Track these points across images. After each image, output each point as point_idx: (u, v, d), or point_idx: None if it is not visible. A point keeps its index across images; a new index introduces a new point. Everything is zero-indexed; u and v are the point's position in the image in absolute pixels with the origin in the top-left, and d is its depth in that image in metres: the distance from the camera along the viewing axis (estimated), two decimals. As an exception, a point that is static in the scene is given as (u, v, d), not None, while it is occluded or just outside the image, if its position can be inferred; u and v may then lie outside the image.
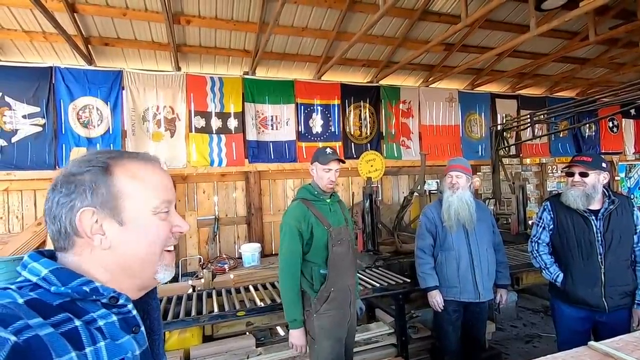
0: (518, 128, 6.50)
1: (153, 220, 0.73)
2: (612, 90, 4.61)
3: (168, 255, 0.77)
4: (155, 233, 0.74)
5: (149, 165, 0.77)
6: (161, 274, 0.76)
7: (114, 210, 0.69)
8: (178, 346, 2.76)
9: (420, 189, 5.03)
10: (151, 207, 0.73)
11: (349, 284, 2.19)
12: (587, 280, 2.14)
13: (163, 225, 0.75)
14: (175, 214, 0.78)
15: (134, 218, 0.71)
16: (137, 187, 0.72)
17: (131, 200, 0.71)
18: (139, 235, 0.72)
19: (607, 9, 5.09)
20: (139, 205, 0.72)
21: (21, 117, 4.62)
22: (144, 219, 0.72)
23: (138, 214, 0.72)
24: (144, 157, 0.77)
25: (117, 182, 0.70)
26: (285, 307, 2.10)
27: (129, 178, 0.72)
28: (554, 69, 7.11)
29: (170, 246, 0.78)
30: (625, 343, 1.56)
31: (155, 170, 0.77)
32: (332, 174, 2.16)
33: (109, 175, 0.70)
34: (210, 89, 5.46)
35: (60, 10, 4.02)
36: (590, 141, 8.24)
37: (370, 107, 6.45)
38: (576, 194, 2.14)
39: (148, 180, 0.74)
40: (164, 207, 0.75)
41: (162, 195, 0.75)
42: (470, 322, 2.67)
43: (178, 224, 0.78)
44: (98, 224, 0.68)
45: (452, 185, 2.58)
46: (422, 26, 5.36)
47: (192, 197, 5.56)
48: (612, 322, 2.10)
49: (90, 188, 0.68)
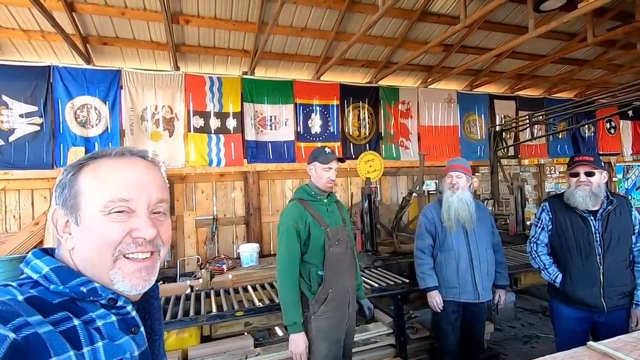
0: (517, 129, 6.52)
1: (101, 220, 0.66)
2: (610, 92, 4.63)
3: (127, 263, 0.67)
4: (100, 235, 0.66)
5: (119, 160, 0.71)
6: (120, 284, 0.66)
7: (71, 209, 0.68)
8: (176, 346, 2.74)
9: (419, 190, 5.03)
10: (100, 207, 0.66)
11: (347, 285, 2.17)
12: (585, 280, 2.14)
13: (113, 227, 0.66)
14: (140, 217, 0.68)
15: (86, 218, 0.66)
16: (92, 184, 0.67)
17: (84, 199, 0.67)
18: (86, 237, 0.66)
19: (605, 11, 5.11)
20: (89, 204, 0.67)
21: (18, 116, 4.60)
22: (92, 219, 0.66)
23: (87, 212, 0.66)
24: (118, 152, 0.72)
25: (78, 181, 0.69)
26: (284, 309, 2.05)
27: (89, 176, 0.68)
28: (552, 70, 7.13)
29: (132, 253, 0.67)
30: (623, 343, 1.56)
31: (119, 166, 0.70)
32: (332, 173, 2.15)
33: (76, 174, 0.69)
34: (209, 88, 5.46)
35: (58, 9, 4.00)
36: (589, 142, 8.26)
37: (369, 108, 6.45)
38: (584, 194, 2.11)
39: (104, 177, 0.68)
40: (118, 207, 0.66)
41: (114, 193, 0.67)
42: (469, 322, 2.67)
43: (137, 227, 0.67)
44: (68, 224, 0.69)
45: (452, 186, 2.58)
46: (421, 27, 5.37)
47: (191, 197, 5.55)
48: (611, 323, 2.11)
49: (61, 188, 0.69)
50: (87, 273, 0.67)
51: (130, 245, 0.67)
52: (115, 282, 0.67)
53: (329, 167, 2.13)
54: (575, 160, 2.20)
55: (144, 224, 0.68)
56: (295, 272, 2.07)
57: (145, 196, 0.70)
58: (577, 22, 5.24)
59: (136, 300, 0.73)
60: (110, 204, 0.66)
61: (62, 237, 0.69)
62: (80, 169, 0.70)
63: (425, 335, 3.24)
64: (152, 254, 0.71)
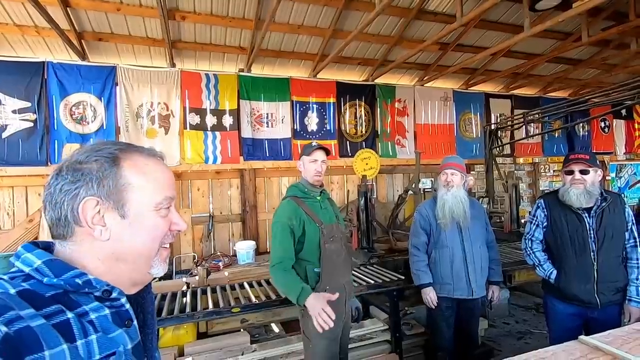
0: (512, 127, 6.56)
1: (154, 216, 0.73)
2: (603, 91, 4.67)
3: (164, 251, 0.78)
4: (155, 229, 0.74)
5: (154, 160, 0.77)
6: (155, 269, 0.76)
7: (117, 203, 0.69)
8: (172, 343, 2.75)
9: (415, 188, 5.06)
10: (154, 203, 0.73)
11: (344, 282, 2.16)
12: (580, 276, 2.17)
13: (163, 222, 0.75)
14: (174, 212, 0.79)
15: (136, 212, 0.71)
16: (142, 181, 0.72)
17: (135, 194, 0.71)
18: (140, 230, 0.72)
19: (599, 11, 5.15)
20: (143, 200, 0.72)
21: (11, 112, 4.55)
22: (146, 214, 0.72)
23: (141, 208, 0.72)
24: (150, 152, 0.78)
25: (124, 175, 0.70)
26: (286, 290, 1.99)
27: (136, 171, 0.72)
28: (547, 69, 7.18)
29: (166, 243, 0.78)
30: (614, 337, 1.59)
31: (160, 166, 0.77)
32: (319, 164, 2.14)
33: (117, 167, 0.70)
34: (205, 85, 5.43)
35: (53, 5, 3.96)
36: (583, 141, 8.34)
37: (366, 106, 6.46)
38: (578, 192, 2.14)
39: (153, 175, 0.74)
40: (166, 204, 0.75)
41: (165, 191, 0.75)
42: (464, 318, 2.70)
43: (176, 222, 0.78)
44: (100, 214, 0.68)
45: (446, 183, 2.60)
46: (417, 25, 5.38)
47: (187, 194, 5.53)
48: (604, 318, 2.14)
49: (98, 178, 0.68)
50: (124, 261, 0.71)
51: (168, 237, 0.78)
52: (154, 266, 0.76)
53: (314, 158, 2.14)
54: (571, 158, 2.22)
55: (179, 218, 0.79)
56: (288, 266, 2.04)
57: (175, 195, 0.80)
58: (571, 21, 5.28)
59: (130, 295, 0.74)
60: (163, 202, 0.75)
61: (92, 228, 0.68)
62: (115, 161, 0.70)
63: (420, 332, 3.27)
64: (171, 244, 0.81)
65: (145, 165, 0.74)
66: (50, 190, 0.68)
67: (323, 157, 2.16)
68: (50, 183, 0.69)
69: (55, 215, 0.68)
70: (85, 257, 0.68)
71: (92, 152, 0.70)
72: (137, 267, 0.73)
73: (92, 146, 0.72)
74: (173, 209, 0.78)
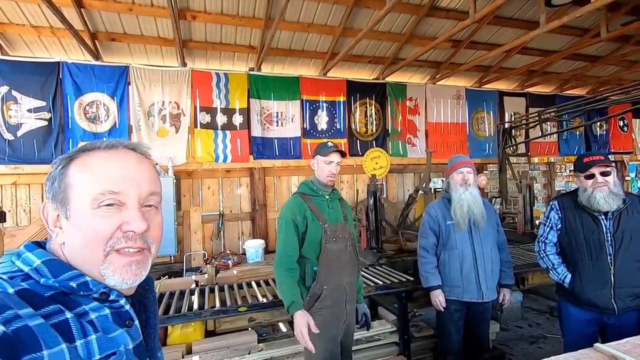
0: (526, 126, 6.41)
1: (90, 215, 0.65)
2: (623, 88, 4.53)
3: (118, 258, 0.66)
4: (90, 229, 0.65)
5: (110, 153, 0.70)
6: (110, 279, 0.65)
7: (61, 203, 0.67)
8: (180, 340, 2.77)
9: (426, 187, 4.99)
10: (89, 200, 0.65)
11: (344, 283, 2.12)
12: (596, 281, 2.09)
13: (103, 221, 0.65)
14: (130, 210, 0.67)
15: (74, 212, 0.66)
16: (82, 178, 0.66)
17: (73, 192, 0.66)
18: (76, 231, 0.66)
19: (619, 5, 4.97)
20: (78, 198, 0.66)
21: (26, 111, 4.66)
22: (81, 212, 0.65)
23: (77, 206, 0.66)
24: (110, 145, 0.71)
25: (68, 173, 0.68)
26: (282, 293, 2.02)
27: (78, 169, 0.67)
28: (564, 66, 6.98)
29: (124, 248, 0.66)
30: (632, 346, 1.52)
31: (109, 158, 0.69)
32: (333, 166, 2.13)
33: (66, 168, 0.68)
34: (215, 84, 5.47)
35: (67, 6, 4.04)
36: (601, 140, 8.09)
37: (376, 104, 6.40)
38: (604, 195, 2.04)
39: (93, 169, 0.67)
40: (107, 200, 0.65)
41: (107, 186, 0.66)
42: (473, 322, 2.63)
43: (127, 221, 0.66)
44: (59, 218, 0.68)
45: (464, 182, 2.53)
46: (429, 22, 5.30)
47: (197, 193, 5.58)
48: (621, 325, 2.05)
49: (51, 181, 0.68)
50: (78, 267, 0.66)
51: (120, 240, 0.66)
52: (106, 276, 0.66)
53: (329, 160, 2.12)
54: (588, 161, 2.11)
55: (133, 216, 0.67)
56: (292, 263, 2.05)
57: (135, 189, 0.68)
58: (590, 16, 5.12)
59: (130, 294, 0.73)
60: (99, 197, 0.65)
61: (53, 231, 0.68)
62: (70, 161, 0.69)
63: (429, 334, 3.21)
64: (142, 250, 0.69)
65: (90, 159, 0.68)
66: None
67: (338, 160, 2.15)
68: None
69: None
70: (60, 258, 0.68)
71: (62, 156, 0.70)
72: (88, 273, 0.65)
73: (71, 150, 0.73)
74: (130, 207, 0.67)
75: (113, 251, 0.66)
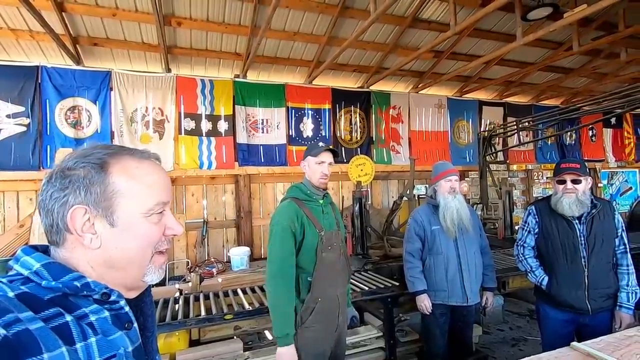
0: (504, 134, 6.63)
1: (145, 223, 0.71)
2: (594, 99, 4.75)
3: (159, 257, 0.75)
4: (146, 236, 0.71)
5: (147, 163, 0.73)
6: (149, 277, 0.73)
7: (106, 211, 0.67)
8: (164, 350, 2.70)
9: (410, 194, 5.07)
10: (144, 210, 0.70)
11: (338, 294, 2.01)
12: (571, 283, 2.19)
13: (155, 228, 0.72)
14: (169, 216, 0.75)
15: (125, 220, 0.69)
16: (131, 187, 0.69)
17: (124, 201, 0.68)
18: (129, 238, 0.69)
19: (590, 21, 5.26)
20: (132, 207, 0.69)
21: (5, 117, 4.52)
22: (136, 221, 0.69)
23: (130, 216, 0.69)
24: (142, 155, 0.74)
25: (112, 181, 0.68)
26: (275, 318, 1.85)
27: (125, 177, 0.69)
28: (539, 77, 7.29)
29: (162, 248, 0.75)
30: (606, 344, 1.60)
31: (152, 169, 0.73)
32: (325, 167, 2.01)
33: (105, 173, 0.67)
34: (200, 91, 5.44)
35: (47, 9, 3.96)
36: (572, 149, 8.44)
37: (361, 112, 6.50)
38: (570, 201, 2.16)
39: (144, 180, 0.71)
40: (158, 209, 0.72)
41: (157, 196, 0.72)
42: (458, 325, 2.69)
43: (171, 227, 0.75)
44: (90, 222, 0.67)
45: (452, 190, 2.60)
46: (412, 33, 5.45)
47: (181, 200, 5.50)
48: (595, 324, 2.15)
49: (85, 185, 0.66)
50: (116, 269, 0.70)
51: (163, 242, 0.75)
52: (148, 274, 0.73)
53: (321, 160, 2.01)
54: (563, 167, 2.23)
55: (174, 222, 0.76)
56: (291, 278, 1.88)
57: (169, 198, 0.77)
58: (563, 31, 5.38)
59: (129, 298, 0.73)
60: (154, 208, 0.72)
61: (82, 237, 0.66)
62: (101, 166, 0.67)
63: (414, 339, 3.26)
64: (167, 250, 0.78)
65: (135, 169, 0.70)
66: (42, 197, 0.67)
67: (331, 159, 2.04)
68: (43, 189, 0.68)
69: (47, 222, 0.67)
70: (78, 264, 0.67)
71: (81, 157, 0.68)
72: (129, 274, 0.71)
73: (83, 151, 0.69)
74: (168, 213, 0.75)
75: (156, 252, 0.74)
